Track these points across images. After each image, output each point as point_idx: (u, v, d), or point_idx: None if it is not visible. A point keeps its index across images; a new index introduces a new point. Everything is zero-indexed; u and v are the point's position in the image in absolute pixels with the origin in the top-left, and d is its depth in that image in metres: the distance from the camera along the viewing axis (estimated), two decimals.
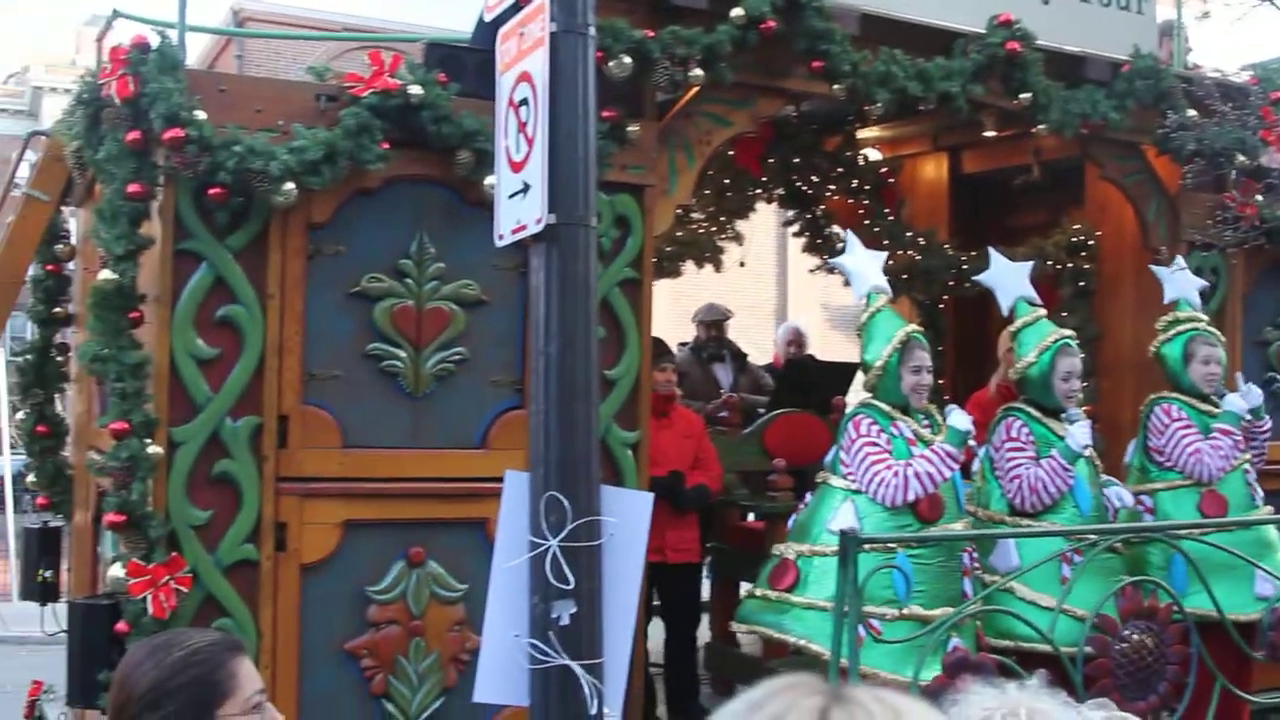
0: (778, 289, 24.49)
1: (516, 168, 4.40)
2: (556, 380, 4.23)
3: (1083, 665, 5.88)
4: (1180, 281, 7.36)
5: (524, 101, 4.39)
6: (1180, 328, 7.24)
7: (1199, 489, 6.98)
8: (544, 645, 4.18)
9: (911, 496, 6.05)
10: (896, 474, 6.05)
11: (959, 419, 6.20)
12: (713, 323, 10.32)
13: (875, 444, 6.16)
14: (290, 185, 5.43)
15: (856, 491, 6.15)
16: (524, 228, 4.33)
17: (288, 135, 5.57)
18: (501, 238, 4.53)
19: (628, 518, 4.38)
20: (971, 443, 6.44)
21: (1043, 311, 6.92)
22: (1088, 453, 6.67)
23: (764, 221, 13.39)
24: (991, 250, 6.99)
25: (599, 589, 4.26)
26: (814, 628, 5.95)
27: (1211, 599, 6.23)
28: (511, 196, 4.43)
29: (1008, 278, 6.89)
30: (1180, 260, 7.55)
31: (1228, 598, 6.39)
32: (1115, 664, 6.09)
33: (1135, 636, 6.15)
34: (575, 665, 4.17)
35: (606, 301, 6.16)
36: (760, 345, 18.24)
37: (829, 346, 17.58)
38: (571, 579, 4.17)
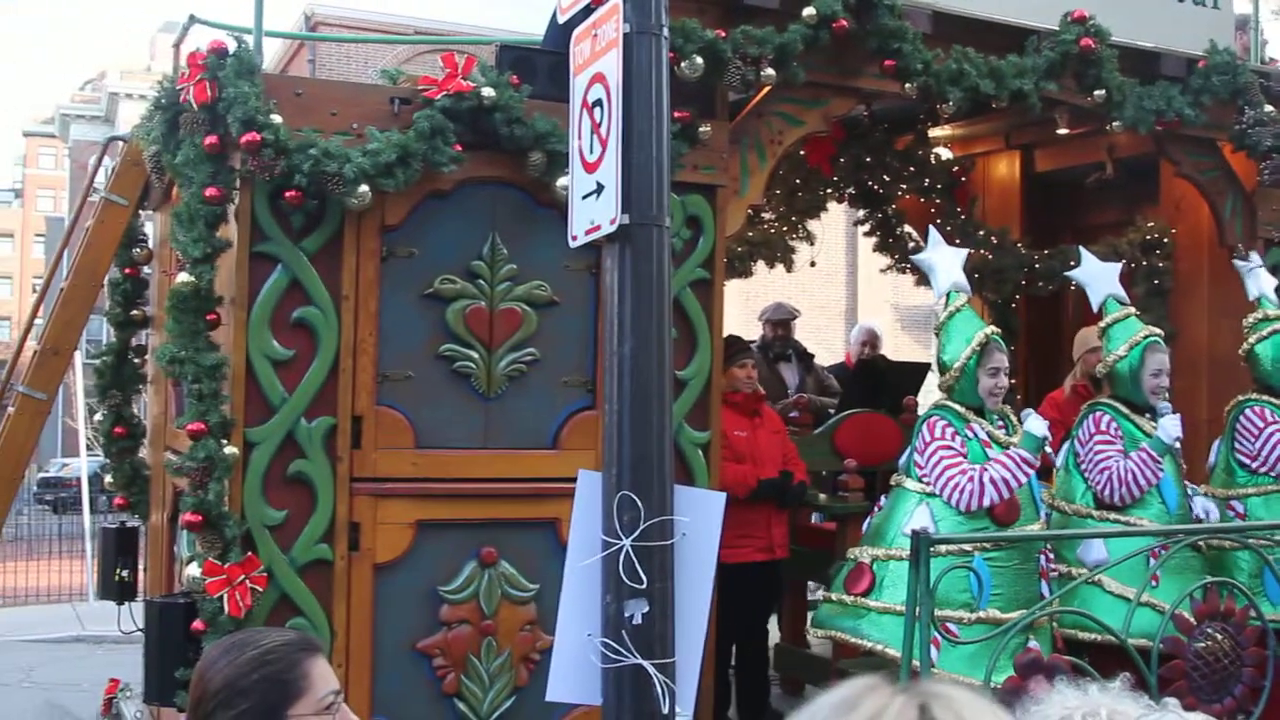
0: (848, 289, 24.38)
1: (590, 169, 4.41)
2: (630, 380, 4.23)
3: (1158, 665, 5.82)
4: (1262, 278, 7.26)
5: (598, 102, 4.40)
6: (1274, 326, 7.12)
7: None
8: (616, 644, 4.18)
9: (987, 502, 6.00)
10: (972, 479, 6.01)
11: (1035, 424, 6.14)
12: (779, 322, 10.28)
13: (950, 447, 6.11)
14: (364, 188, 5.46)
15: (931, 494, 6.11)
16: (598, 228, 4.34)
17: (362, 138, 5.60)
18: (575, 238, 4.54)
19: (700, 517, 4.38)
20: (1048, 449, 6.39)
21: (1132, 309, 6.88)
22: (1178, 446, 6.60)
23: (834, 221, 13.34)
24: (1082, 249, 6.97)
25: (671, 588, 4.26)
26: (891, 633, 5.92)
27: None
28: (585, 197, 4.43)
29: (1098, 275, 6.88)
30: (1256, 256, 7.45)
31: None
32: (1191, 666, 6.03)
33: (1217, 636, 6.09)
34: (648, 664, 4.17)
35: (678, 302, 6.14)
36: (830, 345, 18.20)
37: (899, 347, 17.53)
38: (644, 578, 4.17)
